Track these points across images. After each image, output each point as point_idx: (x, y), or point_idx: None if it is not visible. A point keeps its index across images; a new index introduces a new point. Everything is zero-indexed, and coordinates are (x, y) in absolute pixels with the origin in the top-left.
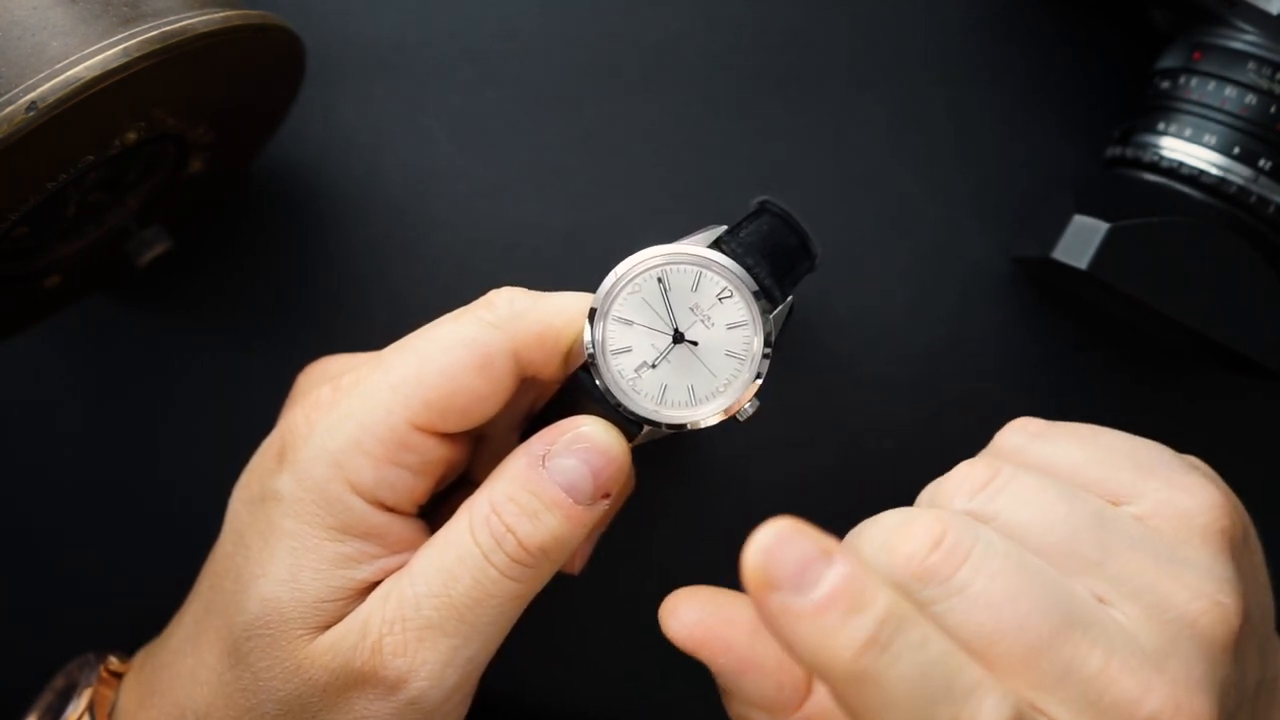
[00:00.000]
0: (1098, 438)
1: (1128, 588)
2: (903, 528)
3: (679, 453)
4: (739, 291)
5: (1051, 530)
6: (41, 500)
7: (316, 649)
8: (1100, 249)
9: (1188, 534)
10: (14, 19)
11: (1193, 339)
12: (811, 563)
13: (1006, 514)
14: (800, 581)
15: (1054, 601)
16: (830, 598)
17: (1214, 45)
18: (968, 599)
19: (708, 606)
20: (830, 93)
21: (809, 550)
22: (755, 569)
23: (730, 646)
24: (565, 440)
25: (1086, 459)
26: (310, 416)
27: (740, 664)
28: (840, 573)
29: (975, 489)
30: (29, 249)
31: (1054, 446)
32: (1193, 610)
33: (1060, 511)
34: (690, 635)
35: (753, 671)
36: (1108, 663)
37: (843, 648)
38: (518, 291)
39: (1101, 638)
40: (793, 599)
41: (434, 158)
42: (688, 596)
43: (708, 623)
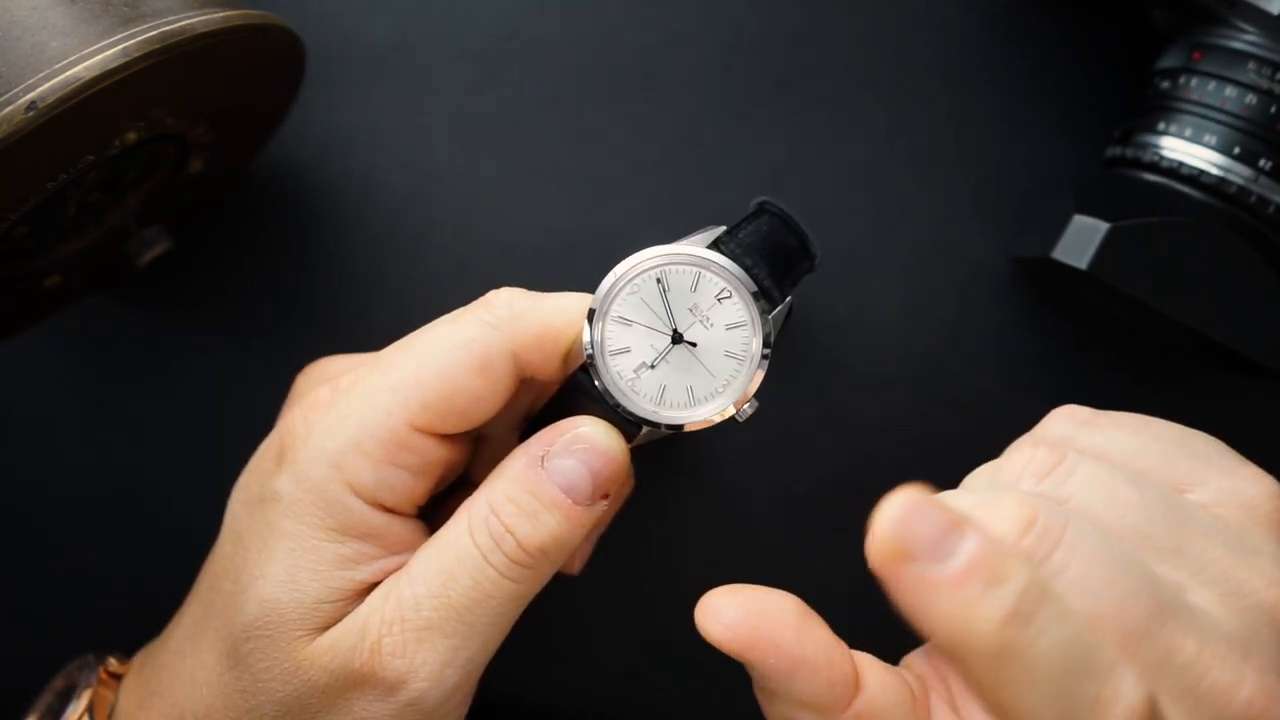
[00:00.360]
0: (1148, 426)
1: (1205, 574)
2: (989, 508)
3: (678, 453)
4: (738, 292)
5: (1125, 516)
6: (41, 500)
7: (315, 650)
8: (1100, 249)
9: (1253, 522)
10: (14, 19)
11: (1193, 339)
12: (947, 532)
13: (1079, 499)
14: (937, 552)
15: (1147, 587)
16: (970, 567)
17: (1214, 45)
18: (1065, 584)
19: (750, 605)
20: (830, 93)
21: (943, 520)
22: (888, 539)
23: (779, 646)
24: (564, 441)
25: (1139, 447)
26: (309, 417)
27: (791, 663)
28: (979, 543)
29: (1042, 473)
30: (29, 249)
31: (1104, 435)
32: (1270, 597)
33: (1132, 496)
34: (735, 637)
35: (804, 670)
36: (1202, 650)
37: (986, 620)
38: (517, 292)
39: (1192, 624)
40: (931, 570)
41: (434, 158)
42: (726, 595)
43: (752, 622)
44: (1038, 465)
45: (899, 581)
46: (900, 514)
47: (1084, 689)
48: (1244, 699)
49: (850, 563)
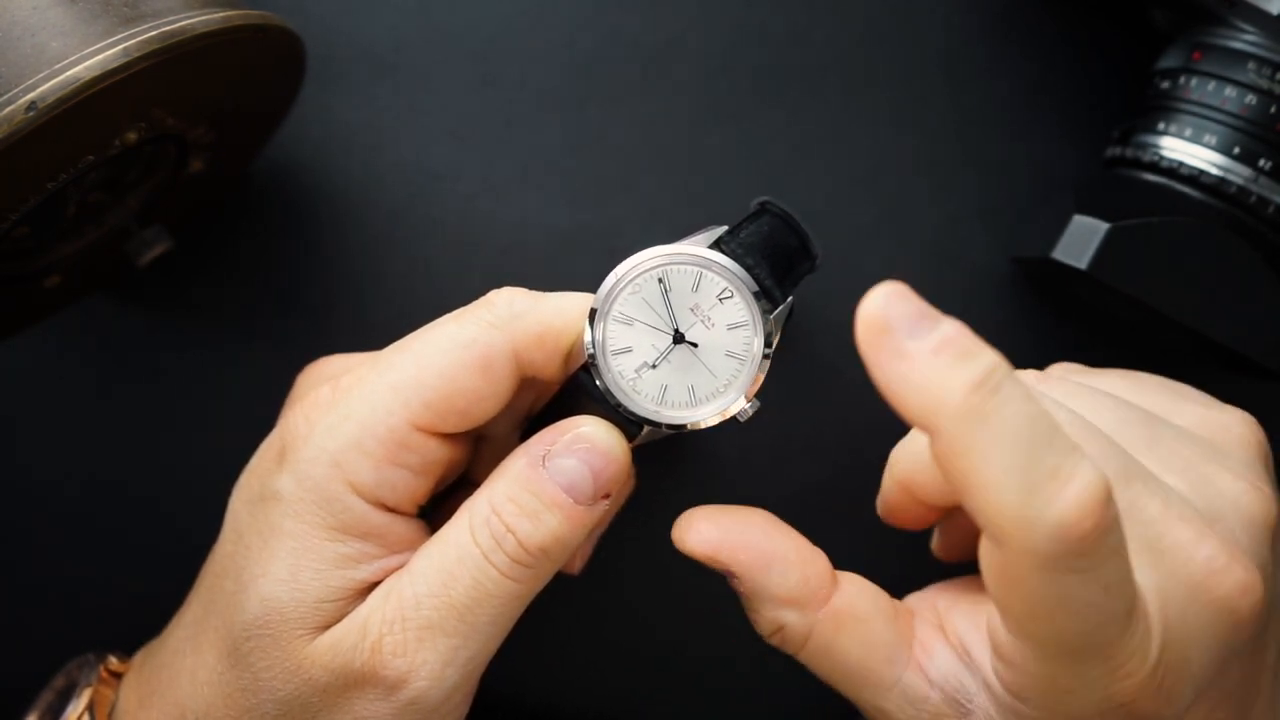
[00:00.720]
0: (1135, 373)
1: (1174, 465)
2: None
3: (679, 453)
4: (739, 292)
5: (1100, 418)
6: (41, 500)
7: (316, 649)
8: (1100, 249)
9: (1226, 439)
10: (14, 19)
11: (1193, 339)
12: (925, 314)
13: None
14: (915, 328)
15: (1112, 452)
16: (944, 342)
17: (1214, 45)
18: None
19: (720, 516)
20: (830, 93)
21: (923, 306)
22: (872, 314)
23: (749, 543)
24: (565, 440)
25: (1126, 385)
26: (310, 416)
27: (763, 558)
28: (954, 325)
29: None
30: (29, 249)
31: (1094, 377)
32: (1236, 489)
33: (1108, 405)
34: (707, 542)
35: (777, 563)
36: (1165, 510)
37: (955, 386)
38: (518, 292)
39: (1158, 490)
40: (909, 343)
41: (434, 158)
42: (699, 511)
43: (724, 526)
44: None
45: (879, 354)
46: (886, 295)
47: (1044, 459)
48: (1204, 556)
49: (852, 563)
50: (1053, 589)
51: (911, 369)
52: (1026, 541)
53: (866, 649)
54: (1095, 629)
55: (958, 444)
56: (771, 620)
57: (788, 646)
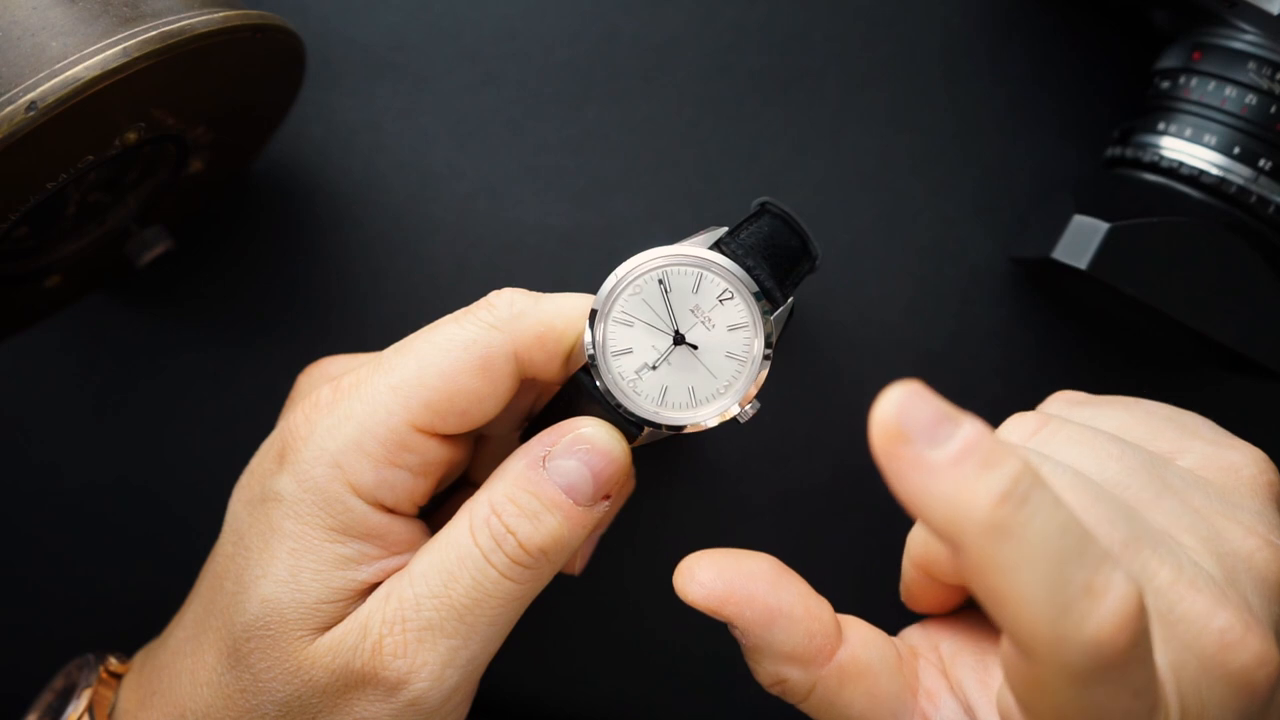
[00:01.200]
0: (1139, 403)
1: (1184, 522)
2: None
3: (680, 454)
4: (739, 293)
5: (1107, 467)
6: (41, 500)
7: (316, 650)
8: (1100, 249)
9: (1236, 483)
10: (14, 19)
11: (1193, 339)
12: (944, 418)
13: (1061, 455)
14: (935, 435)
15: (1122, 517)
16: (965, 450)
17: (1214, 45)
18: None
19: (724, 564)
20: (830, 93)
21: (941, 408)
22: (887, 422)
23: (754, 598)
24: (566, 441)
25: (1130, 420)
26: (310, 417)
27: (767, 614)
28: (975, 429)
29: (1026, 435)
30: (29, 249)
31: (1096, 410)
32: (1248, 547)
33: (1113, 452)
34: (710, 594)
35: (780, 620)
36: (1177, 578)
37: (980, 498)
38: (518, 292)
39: (1169, 556)
40: (928, 452)
41: (434, 158)
42: (702, 558)
43: (726, 578)
44: (1023, 428)
45: (898, 465)
46: (900, 400)
47: (1076, 574)
48: (1219, 626)
49: (852, 563)
50: (1083, 700)
51: (933, 481)
52: (1059, 658)
53: (871, 702)
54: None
55: (985, 561)
56: (772, 674)
57: (789, 699)
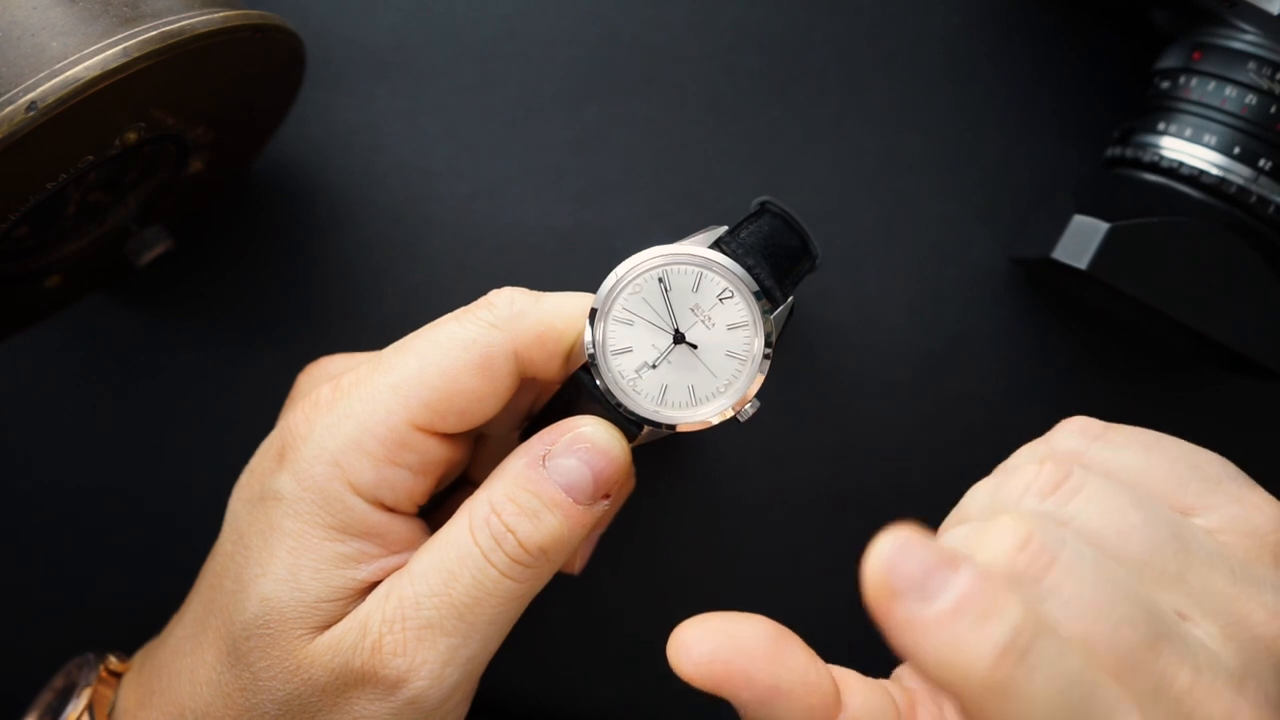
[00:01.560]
0: (1160, 443)
1: (1206, 605)
2: (984, 528)
3: (680, 453)
4: (739, 292)
5: (1129, 540)
6: (41, 499)
7: (316, 649)
8: (1100, 249)
9: (1259, 552)
10: (14, 19)
11: (1193, 339)
12: (936, 569)
13: (1082, 519)
14: (926, 589)
15: (1143, 613)
16: (960, 604)
17: (1214, 45)
18: (1058, 605)
19: (718, 636)
20: (830, 93)
21: (932, 557)
22: (877, 579)
23: (751, 677)
24: (565, 440)
25: (1150, 466)
26: (310, 416)
27: (765, 693)
28: (969, 579)
29: (1046, 490)
30: (29, 249)
31: (1115, 452)
32: (1270, 631)
33: (1136, 520)
34: (707, 673)
35: (780, 699)
36: (1195, 682)
37: (979, 656)
38: (518, 291)
39: (1188, 655)
40: (920, 608)
41: (434, 158)
42: (694, 628)
43: (722, 656)
44: (1042, 482)
45: (891, 621)
46: (889, 553)
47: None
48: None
49: (852, 565)
50: None
51: (928, 639)
52: None
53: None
54: None
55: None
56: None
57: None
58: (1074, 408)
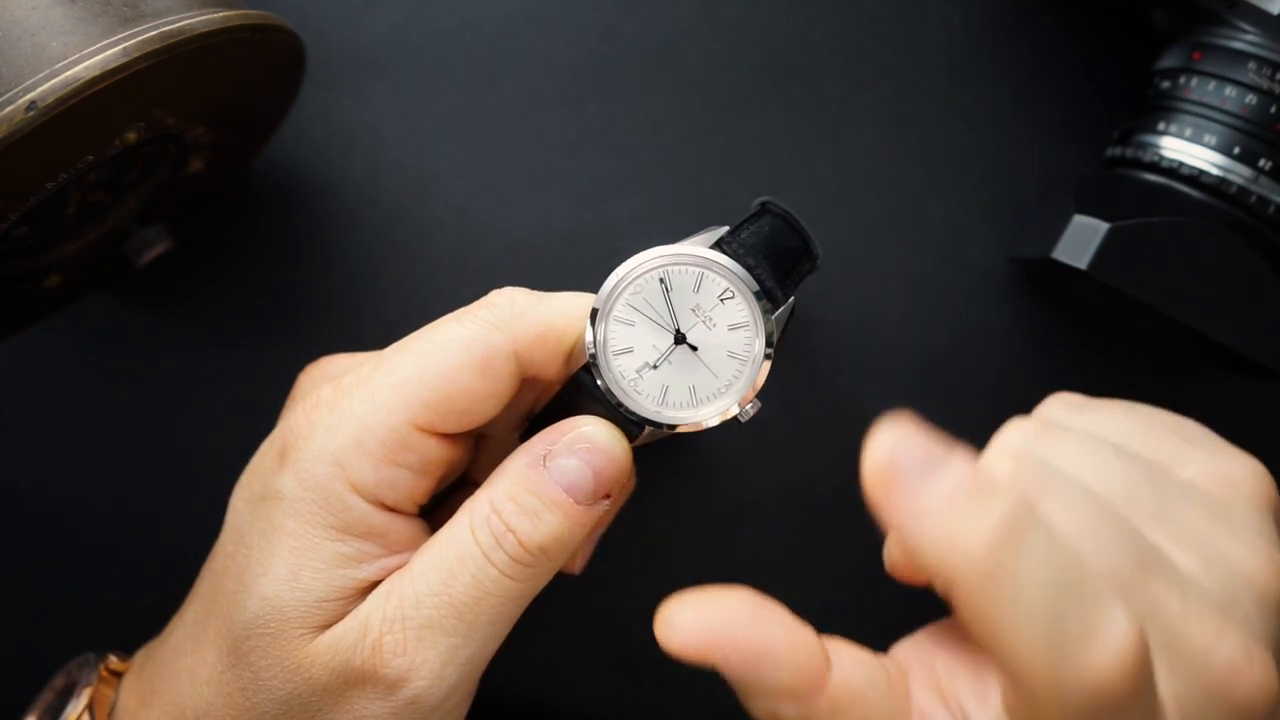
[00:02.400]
0: (1138, 410)
1: (1187, 540)
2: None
3: (680, 453)
4: (740, 292)
5: (1109, 480)
6: (41, 500)
7: (317, 648)
8: (1100, 249)
9: (1235, 496)
10: (14, 19)
11: (1193, 339)
12: (935, 458)
13: (1062, 464)
14: (926, 475)
15: (1129, 539)
16: (958, 489)
17: (1214, 45)
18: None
19: (702, 608)
20: (830, 93)
21: (932, 448)
22: (879, 465)
23: (736, 642)
24: (566, 440)
25: (1130, 429)
26: (311, 416)
27: (752, 657)
28: (965, 467)
29: (1029, 441)
30: (29, 249)
31: (1095, 416)
32: (1250, 565)
33: (1115, 465)
34: (691, 641)
35: (767, 660)
36: (1184, 607)
37: (974, 539)
38: (519, 292)
39: (1175, 581)
40: (920, 492)
41: (434, 158)
42: (679, 604)
43: (706, 624)
44: (1024, 435)
45: (891, 505)
46: (892, 440)
47: (1074, 615)
48: (1223, 659)
49: (853, 563)
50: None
51: (926, 523)
52: (1058, 699)
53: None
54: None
55: (981, 600)
56: (767, 712)
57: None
58: None
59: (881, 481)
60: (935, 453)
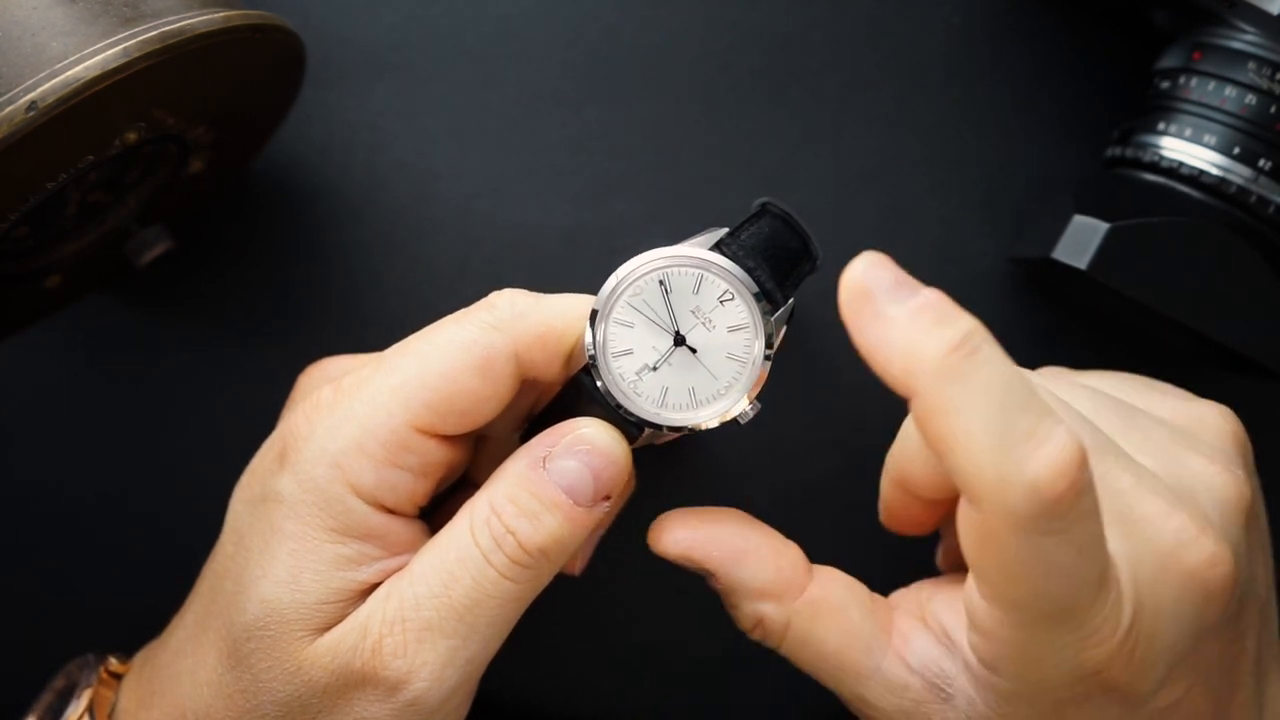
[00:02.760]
0: (1117, 372)
1: (1148, 449)
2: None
3: (679, 454)
4: (740, 294)
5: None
6: (41, 500)
7: (316, 650)
8: (1100, 249)
9: (1201, 429)
10: (14, 19)
11: (1193, 339)
12: (905, 281)
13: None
14: (896, 293)
15: (1087, 428)
16: (924, 306)
17: (1214, 45)
18: None
19: (694, 517)
20: (830, 93)
21: (903, 275)
22: (855, 281)
23: (721, 540)
24: (566, 442)
25: (1107, 383)
26: (311, 417)
27: (735, 553)
28: (933, 292)
29: None
30: (29, 249)
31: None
32: (1209, 472)
33: (1085, 393)
34: (680, 542)
35: (749, 558)
36: (1137, 484)
37: (934, 346)
38: (519, 293)
39: (1130, 466)
40: (889, 306)
41: (434, 158)
42: (673, 514)
43: (694, 526)
44: None
45: (861, 319)
46: (867, 263)
47: (1020, 420)
48: (1174, 527)
49: (853, 563)
50: (1027, 550)
51: (891, 331)
52: (1002, 501)
53: (844, 637)
54: (1068, 593)
55: (936, 403)
56: (750, 614)
57: (769, 640)
58: None
59: (855, 296)
60: (907, 279)
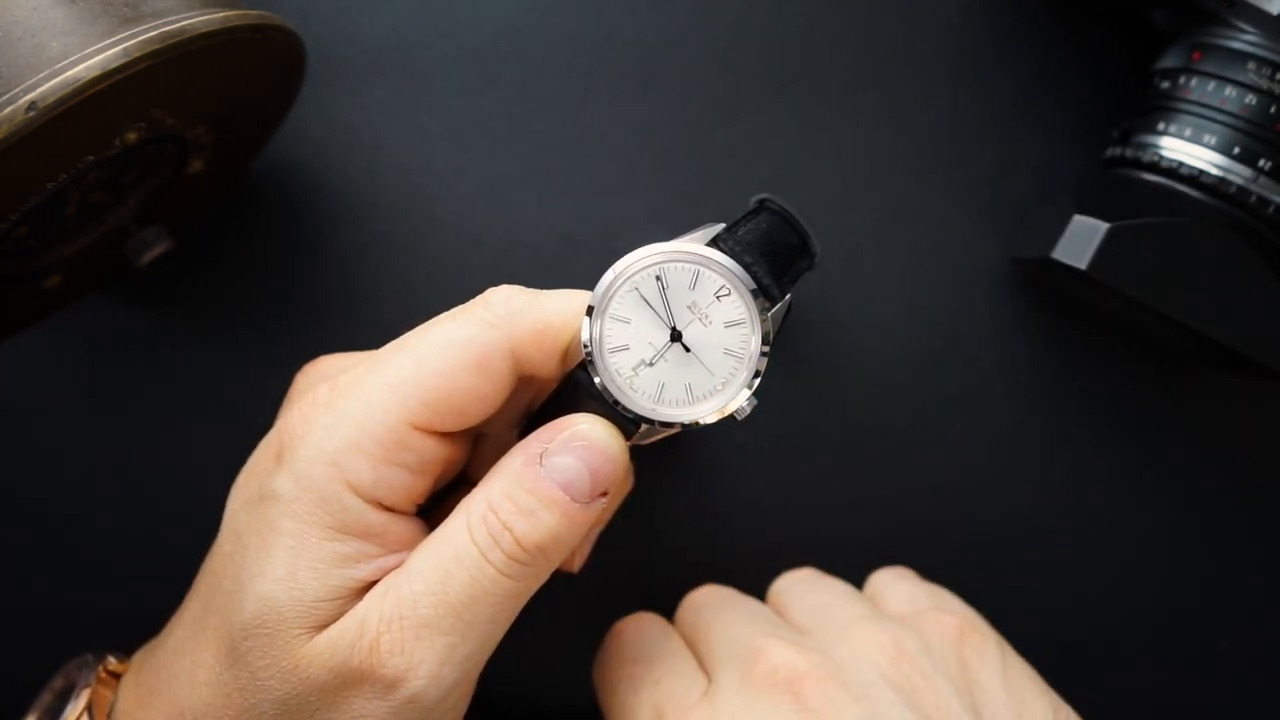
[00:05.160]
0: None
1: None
2: None
3: (678, 450)
4: (737, 290)
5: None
6: (40, 499)
7: (314, 648)
8: (1100, 249)
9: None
10: (14, 19)
11: (1193, 339)
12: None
13: None
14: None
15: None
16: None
17: (1214, 45)
18: None
19: None
20: (830, 93)
21: None
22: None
23: None
24: (563, 438)
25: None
26: (308, 416)
27: None
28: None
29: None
30: (29, 249)
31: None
32: (857, 630)
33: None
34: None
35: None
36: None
37: None
38: (515, 289)
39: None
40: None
41: (434, 158)
42: None
43: None
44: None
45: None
46: None
47: None
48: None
49: (852, 562)
50: None
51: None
52: None
53: None
54: None
55: None
56: None
57: None
58: (1073, 407)
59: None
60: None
